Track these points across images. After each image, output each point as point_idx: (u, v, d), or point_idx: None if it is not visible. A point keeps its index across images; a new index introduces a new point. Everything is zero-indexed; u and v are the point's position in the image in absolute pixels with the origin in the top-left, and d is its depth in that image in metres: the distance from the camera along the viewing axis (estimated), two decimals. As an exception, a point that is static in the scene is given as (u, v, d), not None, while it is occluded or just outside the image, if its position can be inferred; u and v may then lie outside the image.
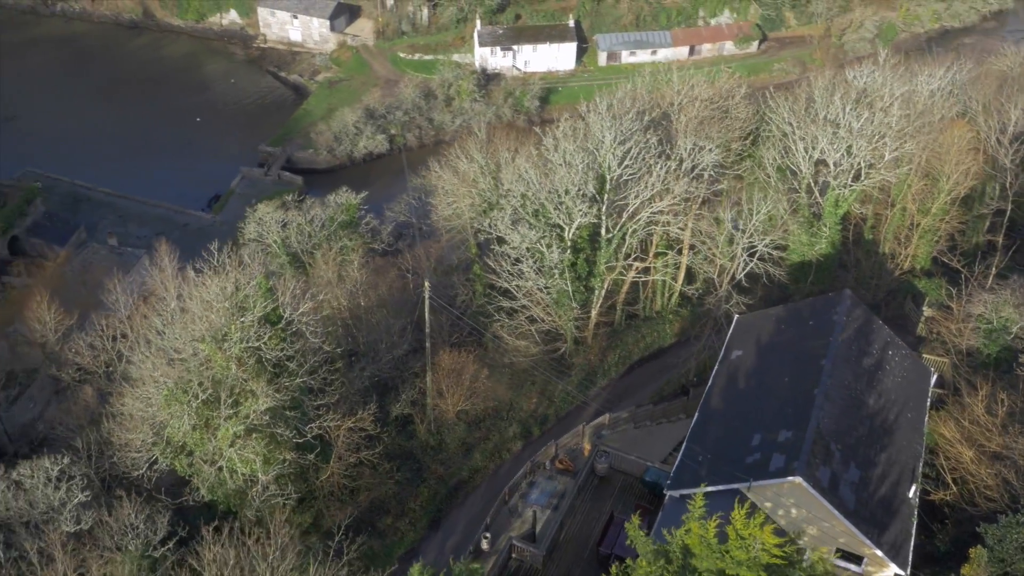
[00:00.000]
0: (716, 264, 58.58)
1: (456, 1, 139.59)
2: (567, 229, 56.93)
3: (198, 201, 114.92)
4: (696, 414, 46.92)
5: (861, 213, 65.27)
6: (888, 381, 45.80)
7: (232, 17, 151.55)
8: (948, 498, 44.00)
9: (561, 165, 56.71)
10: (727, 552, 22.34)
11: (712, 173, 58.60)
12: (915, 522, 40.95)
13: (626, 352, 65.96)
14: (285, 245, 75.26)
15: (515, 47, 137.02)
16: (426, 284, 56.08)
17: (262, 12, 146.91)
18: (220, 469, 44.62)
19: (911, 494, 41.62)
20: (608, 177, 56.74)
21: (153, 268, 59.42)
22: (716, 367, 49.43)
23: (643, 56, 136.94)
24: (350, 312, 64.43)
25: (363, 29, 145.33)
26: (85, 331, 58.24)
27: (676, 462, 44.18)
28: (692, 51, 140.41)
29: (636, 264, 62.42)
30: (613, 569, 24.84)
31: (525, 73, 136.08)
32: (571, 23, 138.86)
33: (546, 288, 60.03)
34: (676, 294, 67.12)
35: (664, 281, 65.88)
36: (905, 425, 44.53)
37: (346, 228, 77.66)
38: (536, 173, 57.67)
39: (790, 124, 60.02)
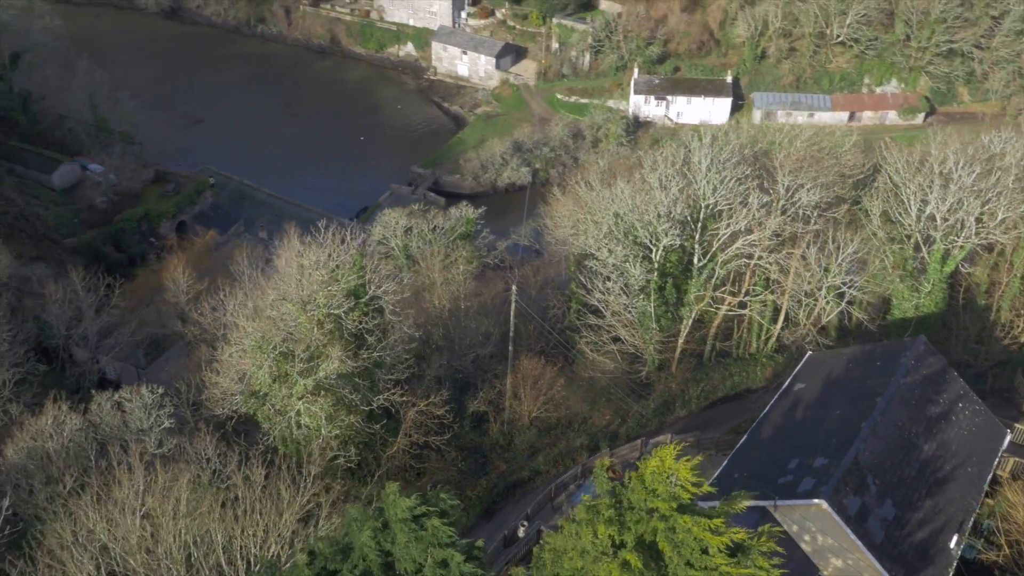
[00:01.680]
0: (801, 302, 58.08)
1: (618, 49, 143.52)
2: (654, 250, 58.25)
3: (348, 210, 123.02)
4: (744, 437, 46.92)
5: (973, 275, 62.80)
6: (951, 431, 44.23)
7: (408, 49, 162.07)
8: (999, 559, 41.84)
9: (657, 188, 58.34)
10: (653, 490, 23.23)
11: (809, 212, 58.39)
12: (952, 574, 39.34)
13: (710, 387, 65.81)
14: (405, 249, 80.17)
15: (669, 97, 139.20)
16: (513, 288, 58.85)
17: (436, 47, 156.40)
18: (289, 420, 48.66)
19: (952, 545, 40.04)
20: (703, 205, 57.84)
21: (279, 247, 65.03)
22: (776, 397, 49.20)
23: (800, 117, 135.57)
24: (447, 311, 67.99)
25: (526, 69, 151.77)
26: (210, 296, 64.50)
27: (711, 478, 44.35)
28: (852, 117, 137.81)
29: (729, 298, 62.66)
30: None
31: (676, 124, 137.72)
32: (729, 79, 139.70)
33: (631, 308, 61.36)
34: (773, 339, 66.54)
35: (761, 324, 65.58)
36: (962, 478, 42.84)
37: (463, 239, 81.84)
38: (631, 193, 59.51)
39: (900, 174, 59.03)
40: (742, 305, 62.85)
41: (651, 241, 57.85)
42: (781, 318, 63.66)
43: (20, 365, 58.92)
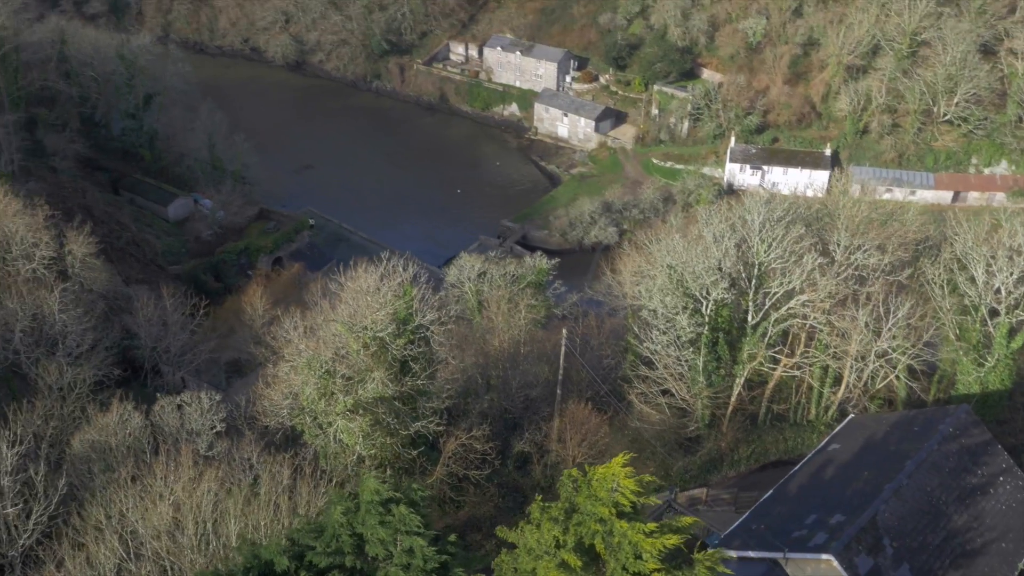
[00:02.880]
0: (852, 365, 56.95)
1: (716, 118, 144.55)
2: (704, 304, 58.53)
3: (437, 258, 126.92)
4: (770, 492, 46.32)
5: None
6: (987, 504, 42.57)
7: (512, 109, 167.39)
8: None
9: (711, 242, 58.86)
10: (596, 495, 23.83)
11: (866, 275, 57.56)
12: (971, 649, 37.70)
13: (762, 449, 64.72)
14: (477, 293, 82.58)
15: (765, 167, 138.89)
16: (563, 332, 60.06)
17: (538, 108, 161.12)
18: (329, 435, 50.93)
19: (974, 619, 38.44)
20: (756, 262, 57.97)
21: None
22: (809, 456, 48.42)
23: (900, 194, 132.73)
24: (506, 353, 69.62)
25: (625, 133, 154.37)
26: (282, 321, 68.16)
27: (729, 528, 43.99)
28: (956, 197, 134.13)
29: (784, 359, 62.04)
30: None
31: (771, 193, 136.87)
32: (828, 152, 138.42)
33: (681, 361, 61.46)
34: (835, 406, 65.20)
35: (821, 392, 64.45)
36: (994, 552, 41.09)
37: (533, 288, 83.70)
38: (685, 245, 60.16)
39: (967, 243, 57.68)
40: (799, 367, 62.03)
41: (701, 294, 58.26)
42: (843, 385, 62.43)
43: (101, 368, 63.66)
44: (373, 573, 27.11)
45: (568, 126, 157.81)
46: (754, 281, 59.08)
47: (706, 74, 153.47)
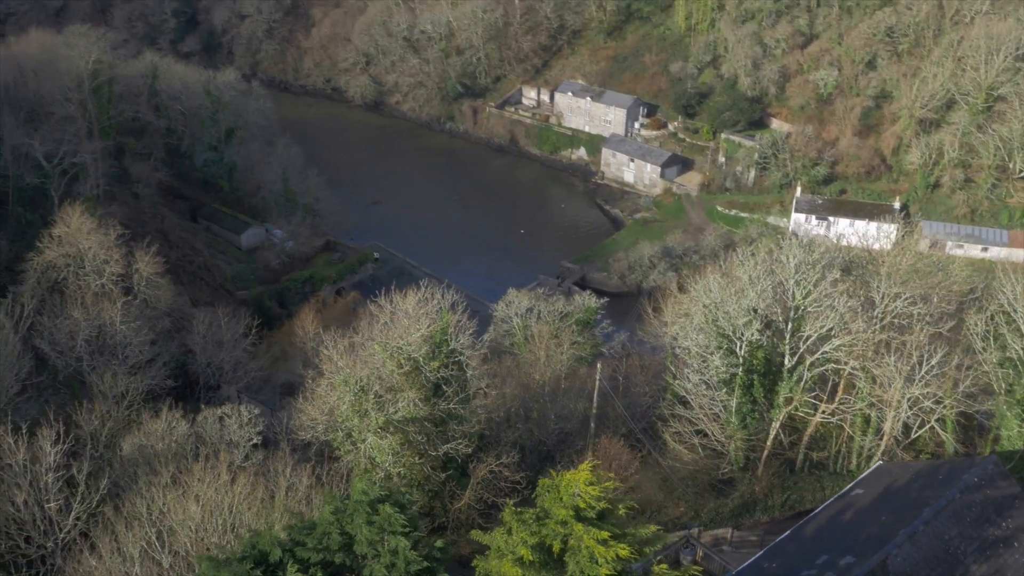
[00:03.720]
0: (885, 412, 56.00)
1: (783, 168, 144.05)
2: (738, 344, 58.58)
3: (496, 296, 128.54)
4: (786, 532, 45.95)
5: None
6: (1011, 558, 41.40)
7: (580, 154, 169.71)
8: None
9: (746, 282, 59.05)
10: (559, 497, 24.52)
11: (904, 323, 56.79)
12: None
13: (798, 496, 63.72)
14: (524, 328, 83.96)
15: (831, 218, 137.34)
16: (598, 366, 60.83)
17: (605, 153, 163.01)
18: (361, 451, 52.58)
19: (986, 672, 37.42)
20: (792, 305, 57.88)
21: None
22: (831, 500, 47.87)
23: (972, 250, 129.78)
24: (547, 386, 70.58)
25: (690, 180, 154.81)
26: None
27: (741, 566, 43.78)
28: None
29: (823, 406, 61.42)
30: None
31: (812, 238, 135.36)
32: (897, 205, 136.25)
33: (716, 401, 61.42)
34: (876, 457, 64.09)
35: (861, 441, 63.49)
36: (1014, 607, 40.01)
37: (580, 325, 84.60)
38: (721, 285, 60.42)
39: (1013, 296, 56.52)
40: (837, 414, 61.31)
41: (735, 334, 58.39)
42: (885, 435, 61.38)
43: (156, 379, 66.96)
44: (360, 570, 28.36)
45: (634, 171, 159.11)
46: (790, 324, 58.98)
47: (775, 124, 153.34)
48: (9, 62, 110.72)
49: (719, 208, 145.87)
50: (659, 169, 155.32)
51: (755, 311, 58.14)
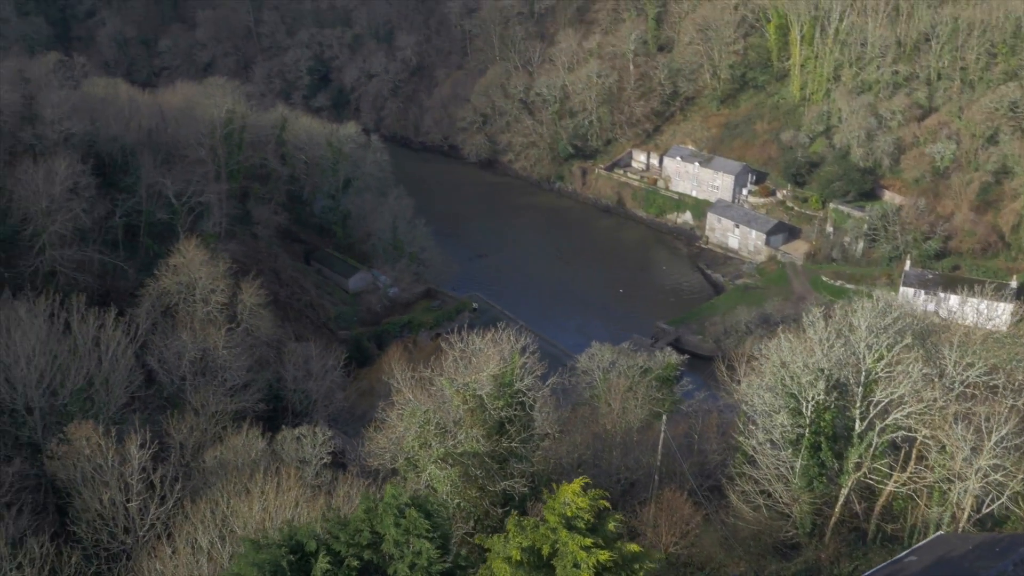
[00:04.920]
0: (954, 482, 54.14)
1: (893, 240, 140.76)
2: (804, 404, 58.11)
3: (584, 350, 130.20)
4: (833, 592, 45.16)
5: None
6: (1066, 638, 39.67)
7: (686, 217, 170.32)
8: None
9: (817, 343, 58.75)
10: (553, 506, 25.64)
11: (976, 392, 55.09)
12: None
13: (866, 567, 62.05)
14: (604, 380, 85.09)
15: (942, 294, 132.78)
16: (663, 418, 61.45)
17: (711, 218, 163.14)
18: (422, 480, 54.80)
19: None
20: (863, 368, 57.18)
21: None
22: (883, 565, 46.75)
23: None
24: (617, 437, 71.44)
25: (796, 249, 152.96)
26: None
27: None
28: None
29: (896, 475, 59.96)
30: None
31: (946, 321, 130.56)
32: (1014, 284, 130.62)
33: (783, 462, 60.84)
34: (960, 524, 61.81)
35: (938, 517, 61.47)
36: None
37: (660, 382, 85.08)
38: (791, 345, 60.20)
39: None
40: (908, 484, 59.72)
41: (800, 393, 58.06)
42: (964, 510, 59.28)
43: (248, 401, 71.59)
44: (386, 568, 30.40)
45: (739, 237, 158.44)
46: (861, 388, 58.26)
47: (887, 196, 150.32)
48: (154, 109, 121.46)
49: (824, 278, 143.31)
50: (764, 236, 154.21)
51: (822, 371, 57.79)
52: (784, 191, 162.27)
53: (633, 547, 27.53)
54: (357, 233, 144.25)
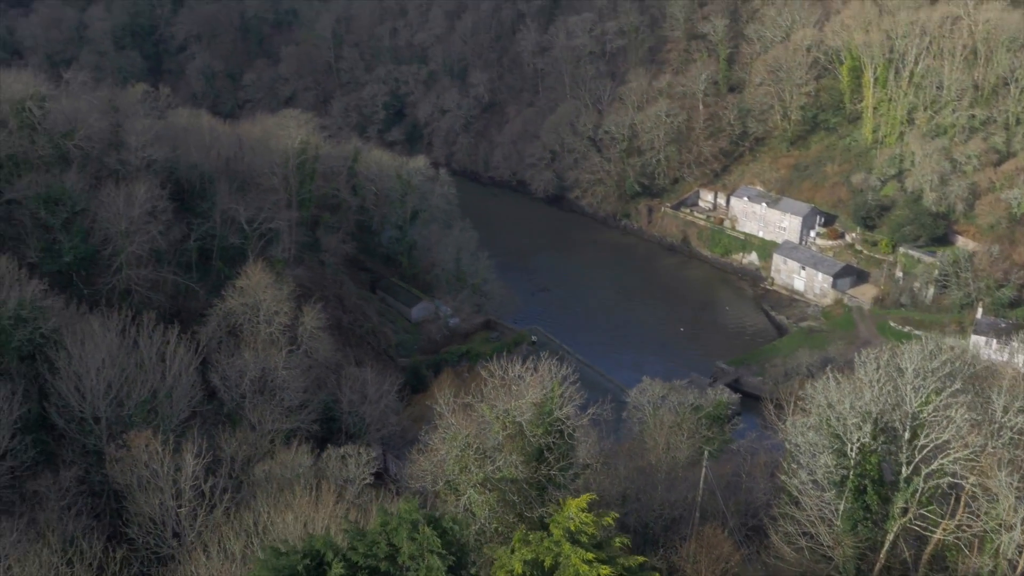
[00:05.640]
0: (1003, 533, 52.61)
1: (965, 287, 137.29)
2: (848, 445, 57.40)
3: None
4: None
5: None
6: None
7: (752, 258, 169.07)
8: None
9: (865, 384, 58.09)
10: (558, 521, 26.24)
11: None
12: None
13: (913, 617, 60.68)
14: (655, 415, 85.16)
15: (1016, 344, 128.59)
16: (705, 453, 61.47)
17: (777, 259, 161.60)
18: (461, 503, 55.89)
19: None
20: (910, 412, 56.29)
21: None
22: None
23: None
24: (663, 472, 71.48)
25: (864, 293, 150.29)
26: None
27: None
28: None
29: (944, 523, 58.63)
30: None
31: (997, 366, 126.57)
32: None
33: (826, 503, 60.06)
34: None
35: (990, 567, 59.79)
36: None
37: (711, 419, 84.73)
38: (837, 385, 59.63)
39: None
40: (956, 531, 58.32)
41: (845, 435, 57.44)
42: (1005, 558, 57.58)
43: (303, 421, 73.99)
44: (399, 580, 31.63)
45: (805, 279, 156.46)
46: (907, 432, 57.38)
47: (960, 241, 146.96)
48: (233, 139, 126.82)
49: (891, 323, 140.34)
50: (831, 279, 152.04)
51: (869, 414, 57.17)
52: (853, 234, 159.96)
53: (637, 559, 28.06)
54: (422, 263, 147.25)
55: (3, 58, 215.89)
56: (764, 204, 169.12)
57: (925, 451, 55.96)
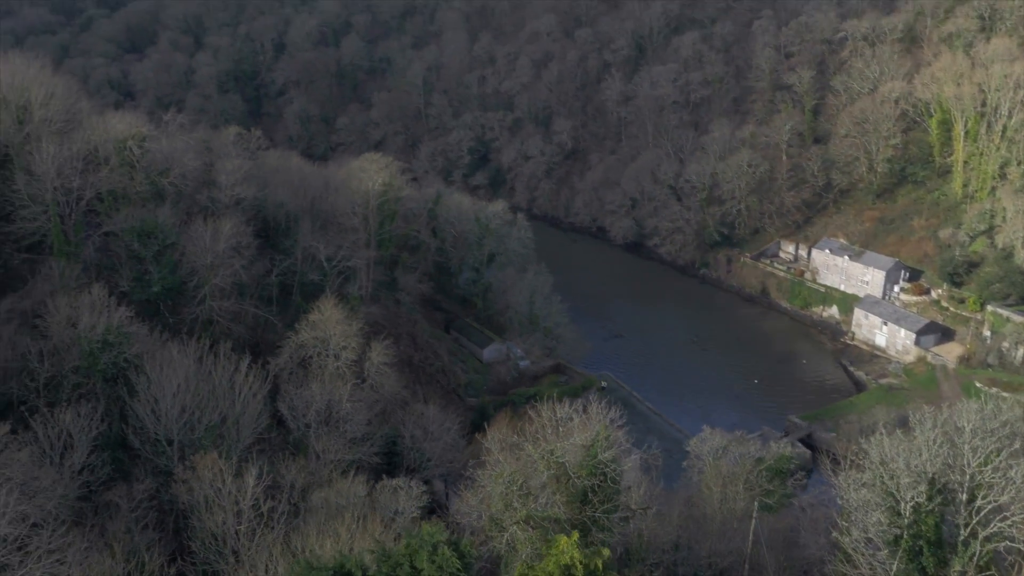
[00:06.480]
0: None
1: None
2: (902, 505, 56.09)
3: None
4: None
5: None
6: None
7: (832, 312, 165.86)
8: None
9: (922, 443, 56.83)
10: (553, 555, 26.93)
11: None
12: None
13: None
14: (714, 465, 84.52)
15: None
16: (755, 504, 60.96)
17: (858, 313, 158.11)
18: (504, 539, 56.82)
19: None
20: (968, 472, 54.80)
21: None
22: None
23: None
24: (714, 521, 70.94)
25: (949, 351, 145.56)
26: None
27: None
28: None
29: (1005, 591, 56.60)
30: None
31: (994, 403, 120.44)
32: None
33: (879, 563, 58.66)
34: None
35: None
36: None
37: (772, 473, 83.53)
38: (891, 442, 58.42)
39: None
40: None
41: (899, 492, 56.26)
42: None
43: (364, 453, 76.36)
44: (420, 600, 32.98)
45: (886, 335, 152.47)
46: (964, 493, 55.89)
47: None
48: (319, 179, 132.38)
49: (977, 384, 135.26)
50: (914, 335, 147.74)
51: (925, 474, 55.95)
52: (939, 290, 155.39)
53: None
54: (496, 305, 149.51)
55: (117, 100, 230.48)
56: (847, 257, 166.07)
57: (983, 513, 54.43)
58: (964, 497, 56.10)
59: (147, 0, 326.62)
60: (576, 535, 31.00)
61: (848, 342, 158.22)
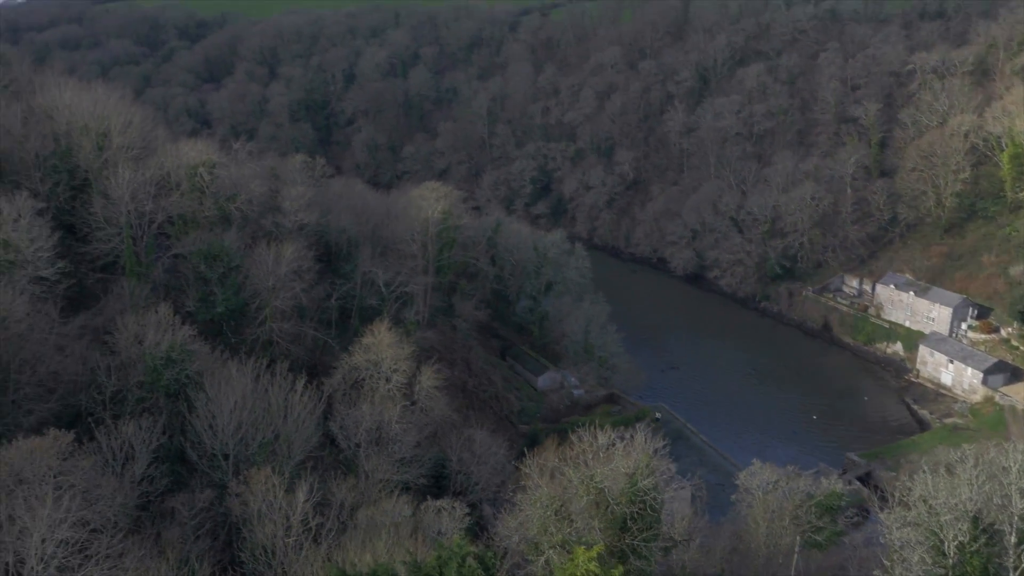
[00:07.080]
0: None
1: None
2: (946, 544, 55.01)
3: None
4: None
5: None
6: None
7: (896, 348, 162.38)
8: None
9: (966, 482, 55.75)
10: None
11: None
12: None
13: None
14: (763, 500, 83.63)
15: None
16: (797, 539, 60.42)
17: (923, 351, 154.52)
18: (542, 562, 57.44)
19: None
20: (1015, 514, 53.57)
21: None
22: None
23: None
24: (759, 557, 70.37)
25: (1018, 392, 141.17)
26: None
27: None
28: None
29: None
30: None
31: None
32: None
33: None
34: None
35: None
36: None
37: (822, 509, 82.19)
38: (935, 480, 57.39)
39: None
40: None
41: (942, 531, 55.25)
42: None
43: (410, 474, 77.89)
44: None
45: (953, 374, 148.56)
46: (1013, 535, 54.64)
47: None
48: (381, 206, 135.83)
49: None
50: (982, 375, 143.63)
51: (966, 512, 54.93)
52: (1009, 329, 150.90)
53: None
54: (552, 333, 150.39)
55: (193, 128, 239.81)
56: (912, 292, 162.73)
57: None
58: (1013, 539, 54.85)
59: (226, 32, 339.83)
60: (597, 548, 31.69)
61: (912, 380, 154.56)
